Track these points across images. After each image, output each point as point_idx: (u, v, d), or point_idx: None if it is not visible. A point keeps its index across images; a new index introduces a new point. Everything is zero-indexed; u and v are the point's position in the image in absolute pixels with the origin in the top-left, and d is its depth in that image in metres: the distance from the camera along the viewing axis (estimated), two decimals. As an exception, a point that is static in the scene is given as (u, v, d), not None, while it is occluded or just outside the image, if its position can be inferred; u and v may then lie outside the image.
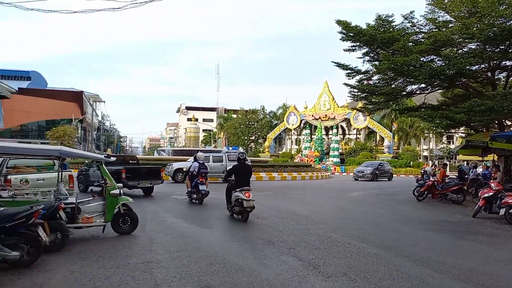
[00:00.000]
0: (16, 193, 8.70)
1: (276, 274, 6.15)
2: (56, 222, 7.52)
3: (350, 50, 21.39)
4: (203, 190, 14.23)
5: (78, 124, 54.89)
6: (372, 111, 27.77)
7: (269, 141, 65.17)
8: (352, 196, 20.19)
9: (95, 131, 74.03)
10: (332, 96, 59.78)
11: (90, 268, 6.44)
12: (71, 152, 9.24)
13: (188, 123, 78.68)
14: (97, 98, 75.69)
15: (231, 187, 11.69)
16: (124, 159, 20.80)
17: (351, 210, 14.76)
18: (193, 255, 7.27)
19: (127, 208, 9.12)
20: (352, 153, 55.29)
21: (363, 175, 34.78)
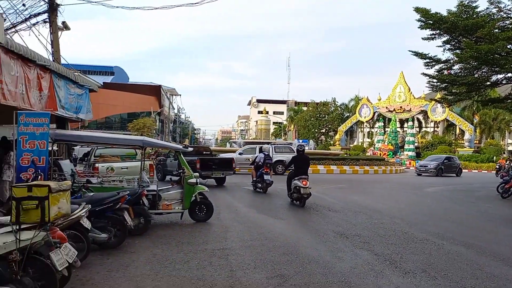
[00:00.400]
0: (104, 180, 9.40)
1: (350, 267, 6.08)
2: (140, 207, 8.02)
3: (429, 39, 20.36)
4: (268, 180, 14.96)
5: (156, 116, 57.66)
6: (452, 103, 26.21)
7: (340, 134, 64.01)
8: (429, 191, 19.28)
9: (172, 123, 77.36)
10: (408, 87, 57.20)
11: (171, 252, 6.82)
12: (152, 142, 9.82)
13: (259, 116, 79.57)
14: (173, 92, 78.88)
15: (291, 176, 12.76)
16: (198, 150, 21.57)
17: (428, 205, 14.11)
18: (266, 245, 7.41)
19: (203, 197, 9.49)
20: (429, 147, 52.53)
21: (426, 170, 31.86)
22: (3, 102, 7.39)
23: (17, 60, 7.86)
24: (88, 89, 12.04)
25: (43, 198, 4.13)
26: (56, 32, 14.33)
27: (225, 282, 5.33)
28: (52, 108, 9.26)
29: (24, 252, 4.07)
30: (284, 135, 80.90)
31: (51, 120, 8.21)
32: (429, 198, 16.50)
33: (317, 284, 5.31)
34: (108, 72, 66.29)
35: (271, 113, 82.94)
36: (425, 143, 54.85)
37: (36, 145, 7.31)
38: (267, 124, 65.60)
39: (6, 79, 7.33)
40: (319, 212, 11.19)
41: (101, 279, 5.34)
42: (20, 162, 7.30)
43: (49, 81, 9.26)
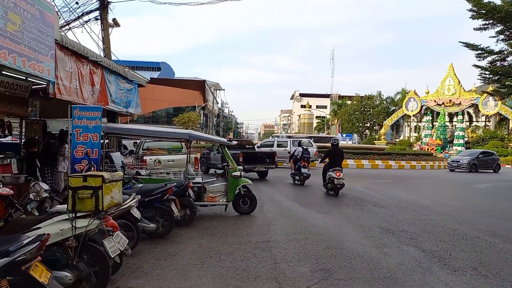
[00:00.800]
0: (152, 172, 9.70)
1: (397, 263, 5.97)
2: (186, 199, 8.22)
3: (481, 29, 19.46)
4: (305, 173, 15.56)
5: (201, 111, 58.70)
6: (506, 96, 24.92)
7: (385, 128, 62.46)
8: (480, 187, 18.50)
9: (215, 118, 78.42)
10: (457, 79, 54.90)
11: (215, 243, 6.95)
12: (198, 135, 10.02)
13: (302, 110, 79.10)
14: (217, 87, 79.86)
15: (326, 168, 13.67)
16: (241, 144, 21.77)
17: (479, 202, 13.55)
18: (309, 238, 7.40)
19: (246, 189, 9.59)
20: (480, 142, 50.23)
21: (458, 166, 29.81)
22: (59, 97, 7.79)
23: (71, 56, 8.26)
24: (137, 84, 12.44)
25: (97, 188, 4.34)
26: (107, 29, 14.88)
27: (269, 274, 5.38)
28: (104, 102, 9.66)
29: (79, 239, 4.29)
30: (327, 129, 79.95)
31: (103, 114, 8.57)
32: (480, 194, 15.84)
33: (362, 279, 5.25)
34: (155, 68, 67.97)
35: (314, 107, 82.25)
36: (476, 138, 52.47)
37: (89, 137, 7.66)
38: (310, 118, 65.11)
39: (61, 75, 7.72)
40: (363, 207, 11.02)
41: (150, 267, 5.54)
42: (75, 154, 7.67)
43: (101, 77, 9.65)
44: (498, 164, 31.55)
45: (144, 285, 4.87)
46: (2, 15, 5.65)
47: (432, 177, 23.81)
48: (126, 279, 5.05)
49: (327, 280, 5.18)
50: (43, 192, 5.29)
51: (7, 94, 8.42)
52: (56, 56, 7.41)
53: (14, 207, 4.86)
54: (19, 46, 6.07)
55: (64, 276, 3.96)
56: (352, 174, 22.90)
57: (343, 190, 13.73)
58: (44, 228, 4.10)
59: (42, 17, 6.76)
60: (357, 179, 19.35)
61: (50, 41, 7.03)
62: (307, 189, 14.87)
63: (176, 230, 7.51)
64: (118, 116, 12.97)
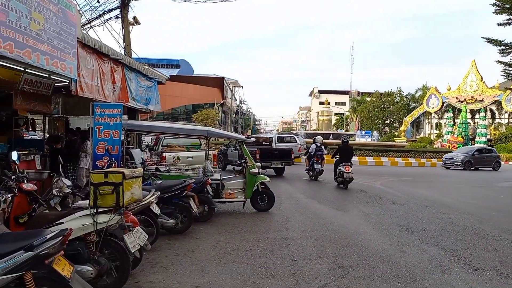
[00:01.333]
0: (171, 168, 9.81)
1: (416, 262, 5.91)
2: (204, 195, 8.30)
3: (505, 24, 18.99)
4: (318, 169, 16.42)
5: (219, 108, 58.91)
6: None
7: (405, 125, 61.61)
8: (503, 186, 18.12)
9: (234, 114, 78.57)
10: (480, 76, 53.71)
11: (234, 239, 7.00)
12: (216, 132, 10.07)
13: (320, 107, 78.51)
14: (236, 83, 79.95)
15: (337, 163, 14.75)
16: (258, 140, 21.79)
17: (502, 201, 13.28)
18: (328, 236, 7.39)
19: (264, 186, 9.61)
20: (503, 140, 49.10)
21: (452, 163, 28.56)
22: (81, 94, 7.93)
23: (92, 54, 8.39)
24: (157, 81, 12.57)
25: (118, 184, 4.42)
26: (127, 27, 15.06)
27: (287, 271, 5.39)
28: (124, 99, 9.79)
29: (100, 234, 4.38)
30: (346, 126, 79.30)
31: (123, 111, 8.68)
32: (503, 193, 15.51)
33: (381, 277, 5.22)
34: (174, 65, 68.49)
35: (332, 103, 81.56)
36: (499, 135, 51.29)
37: (110, 134, 7.77)
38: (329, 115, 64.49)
39: (83, 73, 7.85)
40: (382, 205, 10.92)
41: (169, 263, 5.62)
42: (96, 151, 7.80)
43: (121, 74, 9.78)
44: (498, 162, 29.95)
45: (163, 280, 4.95)
46: (26, 14, 5.78)
47: (453, 175, 23.41)
48: (146, 274, 5.14)
49: (345, 278, 5.17)
50: (65, 187, 5.40)
51: (31, 91, 8.62)
52: (78, 54, 7.53)
53: (38, 202, 4.99)
54: (42, 44, 6.20)
55: (86, 270, 4.05)
56: (371, 171, 22.71)
57: (362, 188, 13.67)
58: (67, 223, 4.20)
59: (64, 15, 6.88)
60: (376, 176, 19.18)
61: (72, 40, 7.15)
62: (325, 186, 14.84)
63: (195, 226, 7.59)
64: (138, 113, 13.13)
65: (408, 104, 67.43)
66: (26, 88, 8.36)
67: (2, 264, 2.99)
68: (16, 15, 5.54)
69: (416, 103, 65.43)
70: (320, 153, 16.47)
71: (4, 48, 5.28)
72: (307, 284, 4.95)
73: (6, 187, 4.38)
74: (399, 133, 62.09)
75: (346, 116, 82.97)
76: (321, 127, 61.86)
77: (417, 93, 66.91)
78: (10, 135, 9.82)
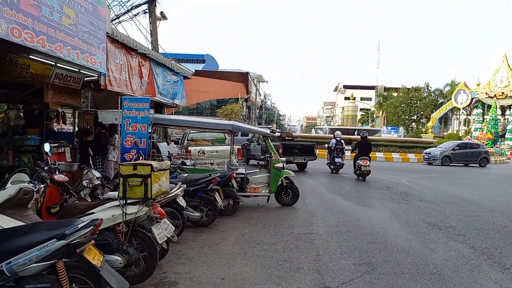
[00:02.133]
0: (196, 162, 9.91)
1: (443, 259, 5.80)
2: (229, 189, 8.34)
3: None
4: (338, 162, 17.12)
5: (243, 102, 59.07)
6: None
7: (433, 121, 60.28)
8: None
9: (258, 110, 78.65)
10: (511, 71, 52.04)
11: (258, 233, 7.03)
12: (241, 126, 10.12)
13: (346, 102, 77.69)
14: (260, 78, 79.96)
15: (356, 157, 15.54)
16: (281, 135, 21.75)
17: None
18: (353, 231, 7.33)
19: (289, 181, 9.60)
20: (535, 136, 47.48)
21: (429, 158, 27.04)
22: (109, 88, 8.09)
23: (121, 49, 8.54)
24: (183, 76, 12.70)
25: (146, 176, 4.49)
26: (155, 22, 15.25)
27: (312, 266, 5.38)
28: (151, 94, 9.94)
29: (129, 224, 4.47)
30: (371, 121, 78.24)
31: (150, 105, 8.82)
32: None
33: (407, 274, 5.15)
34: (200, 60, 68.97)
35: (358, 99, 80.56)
36: (530, 132, 49.62)
37: (138, 128, 7.91)
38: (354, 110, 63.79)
39: (112, 67, 8.01)
40: (409, 202, 10.75)
41: (195, 254, 5.69)
42: (124, 144, 7.96)
43: (149, 69, 9.92)
44: (485, 158, 27.91)
45: (189, 271, 5.01)
46: (58, 9, 5.92)
47: (482, 172, 22.83)
48: (172, 265, 5.22)
49: (371, 274, 5.12)
50: (95, 179, 5.53)
51: (62, 85, 8.84)
52: (107, 49, 7.68)
53: (69, 193, 5.13)
54: (73, 39, 6.34)
55: (115, 260, 4.14)
56: (397, 168, 22.38)
57: (388, 184, 13.52)
58: (97, 213, 4.30)
59: (94, 10, 7.02)
60: (402, 173, 18.89)
61: (102, 34, 7.29)
62: (348, 180, 14.76)
63: (220, 220, 7.66)
64: (165, 108, 13.31)
65: (436, 100, 65.98)
66: (56, 82, 8.58)
67: (35, 252, 3.08)
68: (49, 10, 5.68)
69: (444, 99, 63.94)
70: (340, 147, 17.17)
71: (37, 42, 5.43)
72: (332, 279, 4.93)
73: (39, 178, 4.51)
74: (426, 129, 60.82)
75: (371, 111, 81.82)
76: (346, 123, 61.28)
77: (445, 89, 65.33)
78: (42, 128, 10.11)
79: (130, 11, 15.02)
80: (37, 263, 3.08)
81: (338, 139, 17.44)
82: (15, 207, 4.01)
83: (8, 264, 3.04)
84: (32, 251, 3.08)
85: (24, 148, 8.95)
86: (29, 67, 7.87)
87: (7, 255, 3.09)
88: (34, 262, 3.07)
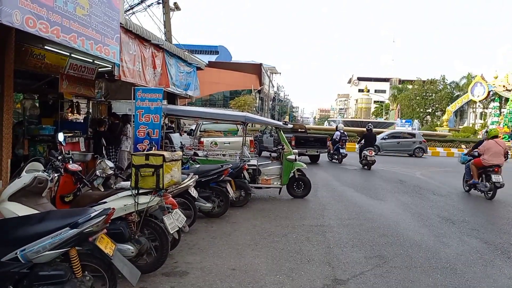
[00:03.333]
0: (208, 153, 9.93)
1: (456, 254, 5.75)
2: (241, 181, 8.37)
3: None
4: (343, 153, 18.39)
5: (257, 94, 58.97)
6: None
7: (448, 114, 59.42)
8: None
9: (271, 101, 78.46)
10: (531, 63, 50.88)
11: (269, 224, 7.04)
12: (254, 118, 10.10)
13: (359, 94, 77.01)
14: (273, 70, 79.63)
15: (361, 148, 16.97)
16: (293, 127, 21.68)
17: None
18: (364, 224, 7.29)
19: (301, 173, 9.57)
20: (554, 131, 46.52)
21: None
22: (123, 79, 8.13)
23: (134, 40, 8.56)
24: (196, 67, 12.70)
25: (158, 166, 4.51)
26: (168, 13, 15.25)
27: (323, 258, 5.38)
28: (165, 84, 9.96)
29: (141, 214, 4.51)
30: (385, 114, 77.49)
31: (163, 96, 8.84)
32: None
33: (419, 268, 5.12)
34: (213, 51, 68.92)
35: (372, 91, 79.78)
36: (550, 126, 48.63)
37: (150, 118, 7.95)
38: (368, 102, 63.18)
39: (125, 57, 8.03)
40: (422, 195, 10.65)
41: (206, 245, 5.73)
42: (137, 134, 8.01)
43: (162, 60, 9.93)
44: (421, 148, 26.02)
45: (200, 261, 5.05)
46: (72, 0, 5.95)
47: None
48: (184, 255, 5.26)
49: (382, 267, 5.09)
50: (108, 169, 5.57)
51: (76, 76, 8.92)
52: (121, 40, 7.70)
53: (82, 183, 5.17)
54: (87, 29, 6.37)
55: (127, 249, 4.18)
56: (411, 161, 22.17)
57: (401, 178, 13.43)
58: (109, 202, 4.35)
59: (108, 1, 7.03)
60: (416, 166, 18.71)
61: (115, 25, 7.31)
62: (362, 174, 14.69)
63: (231, 211, 7.68)
64: (178, 98, 13.34)
65: (451, 93, 64.98)
66: (71, 72, 8.66)
67: (49, 240, 3.12)
68: (63, 0, 5.70)
69: (460, 92, 62.93)
70: (345, 139, 18.86)
71: (51, 33, 5.46)
72: (343, 271, 4.91)
73: (53, 167, 4.56)
74: (442, 122, 59.99)
75: (386, 104, 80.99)
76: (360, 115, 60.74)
77: (462, 81, 64.29)
78: (57, 118, 10.22)
79: (144, 2, 15.06)
80: (51, 250, 3.12)
81: (342, 131, 18.78)
82: (29, 196, 4.07)
83: (23, 251, 3.09)
84: (46, 238, 3.12)
85: (39, 138, 9.07)
86: (44, 57, 7.95)
87: (21, 242, 3.14)
88: (48, 249, 3.11)
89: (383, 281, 4.66)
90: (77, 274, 3.23)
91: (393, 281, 4.65)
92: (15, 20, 4.76)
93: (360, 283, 4.56)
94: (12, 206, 3.97)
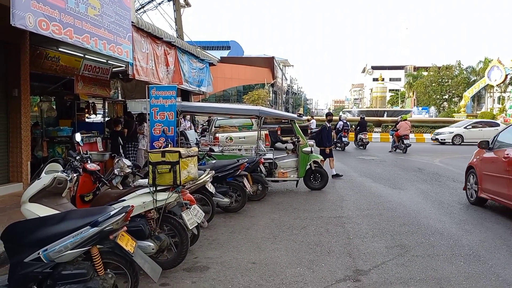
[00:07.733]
0: (224, 148, 9.95)
1: (479, 240, 5.65)
2: (257, 174, 8.36)
3: None
4: (345, 141, 20.08)
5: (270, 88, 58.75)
6: None
7: (465, 100, 58.26)
8: None
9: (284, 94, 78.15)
10: (551, 44, 49.52)
11: (288, 217, 7.02)
12: (268, 111, 10.07)
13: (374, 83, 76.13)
14: (286, 63, 79.19)
15: (357, 132, 20.97)
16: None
17: None
18: (384, 214, 7.22)
19: (317, 165, 9.51)
20: None
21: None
22: (137, 77, 8.17)
23: (146, 38, 8.58)
24: (208, 63, 12.69)
25: (175, 162, 4.52)
26: (179, 10, 15.27)
27: (343, 249, 5.34)
28: (178, 81, 9.98)
29: (160, 211, 4.54)
30: (401, 102, 76.53)
31: (177, 93, 8.87)
32: None
33: (442, 256, 5.04)
34: (225, 47, 68.85)
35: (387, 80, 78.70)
36: None
37: (165, 116, 7.98)
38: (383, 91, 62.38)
39: (138, 56, 8.07)
40: (442, 183, 10.49)
41: (225, 240, 5.74)
42: (153, 132, 8.05)
43: (174, 57, 9.95)
44: None
45: (220, 256, 5.06)
46: (83, 0, 5.98)
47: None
48: (204, 250, 5.28)
49: (404, 257, 5.03)
50: (126, 167, 5.62)
51: (91, 77, 9.02)
52: (133, 38, 7.73)
53: (101, 182, 5.23)
54: (99, 29, 6.41)
55: (148, 246, 4.21)
56: (429, 149, 21.88)
57: (420, 165, 13.31)
58: (128, 200, 4.38)
59: (119, 0, 7.06)
60: (434, 154, 18.45)
61: (127, 24, 7.35)
62: (379, 164, 14.55)
63: (249, 205, 7.69)
64: (191, 95, 13.37)
65: (468, 78, 63.72)
66: (86, 73, 8.75)
67: (70, 239, 3.16)
68: (74, 2, 5.75)
69: (477, 77, 61.66)
70: (347, 128, 20.53)
71: (64, 34, 5.51)
72: (364, 262, 4.87)
73: (72, 167, 4.61)
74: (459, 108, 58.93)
75: (401, 92, 79.93)
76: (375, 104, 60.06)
77: (478, 66, 62.94)
78: (74, 119, 10.36)
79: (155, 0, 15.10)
80: (72, 249, 3.15)
81: (345, 121, 20.58)
82: (50, 196, 4.13)
83: (45, 251, 3.13)
84: (67, 238, 3.16)
85: (57, 139, 9.20)
86: (59, 59, 8.05)
87: (43, 242, 3.18)
88: (70, 248, 3.14)
89: (405, 270, 4.60)
90: (99, 272, 3.26)
91: (415, 270, 4.59)
92: (28, 23, 4.81)
93: (382, 273, 4.52)
94: (33, 207, 4.03)
